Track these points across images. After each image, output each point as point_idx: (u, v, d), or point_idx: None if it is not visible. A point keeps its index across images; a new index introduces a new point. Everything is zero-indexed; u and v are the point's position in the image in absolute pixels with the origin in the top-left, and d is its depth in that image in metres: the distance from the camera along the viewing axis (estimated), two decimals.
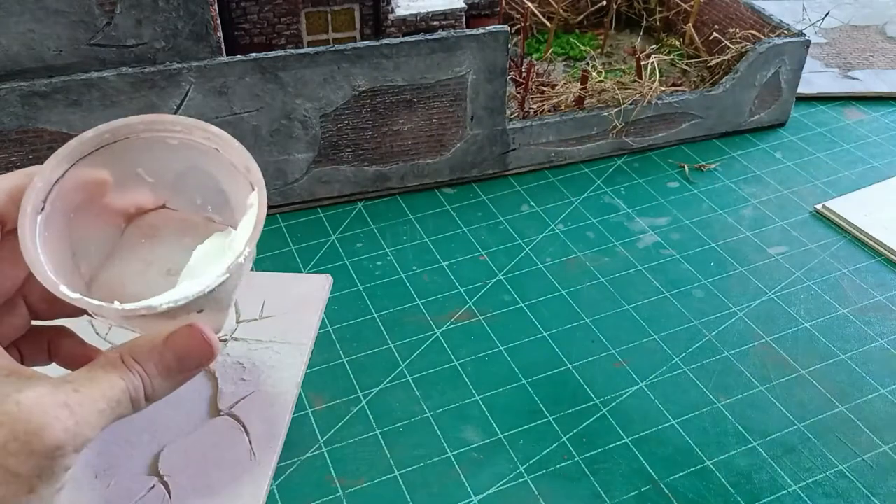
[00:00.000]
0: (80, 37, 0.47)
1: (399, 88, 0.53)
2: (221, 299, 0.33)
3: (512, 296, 0.49)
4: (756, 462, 0.40)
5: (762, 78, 0.62)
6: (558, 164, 0.61)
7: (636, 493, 0.38)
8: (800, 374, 0.44)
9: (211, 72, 0.49)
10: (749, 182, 0.60)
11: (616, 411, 0.42)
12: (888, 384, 0.44)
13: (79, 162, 0.32)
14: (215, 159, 0.35)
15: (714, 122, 0.63)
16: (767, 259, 0.52)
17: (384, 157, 0.56)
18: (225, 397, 0.41)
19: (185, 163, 0.35)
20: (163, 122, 0.33)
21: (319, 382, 0.43)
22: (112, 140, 0.33)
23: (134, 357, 0.30)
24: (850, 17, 0.80)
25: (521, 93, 0.61)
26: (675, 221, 0.56)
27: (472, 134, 0.57)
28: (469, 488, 0.38)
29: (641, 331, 0.47)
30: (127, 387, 0.29)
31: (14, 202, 0.30)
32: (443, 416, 0.42)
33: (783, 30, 0.62)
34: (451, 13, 0.60)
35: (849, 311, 0.48)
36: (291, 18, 0.56)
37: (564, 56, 0.71)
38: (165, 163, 0.35)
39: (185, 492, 0.37)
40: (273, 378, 0.43)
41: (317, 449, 0.40)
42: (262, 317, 0.46)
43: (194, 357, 0.31)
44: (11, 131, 0.47)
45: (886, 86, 0.70)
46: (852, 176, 0.60)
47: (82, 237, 0.34)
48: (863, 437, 0.41)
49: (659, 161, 0.62)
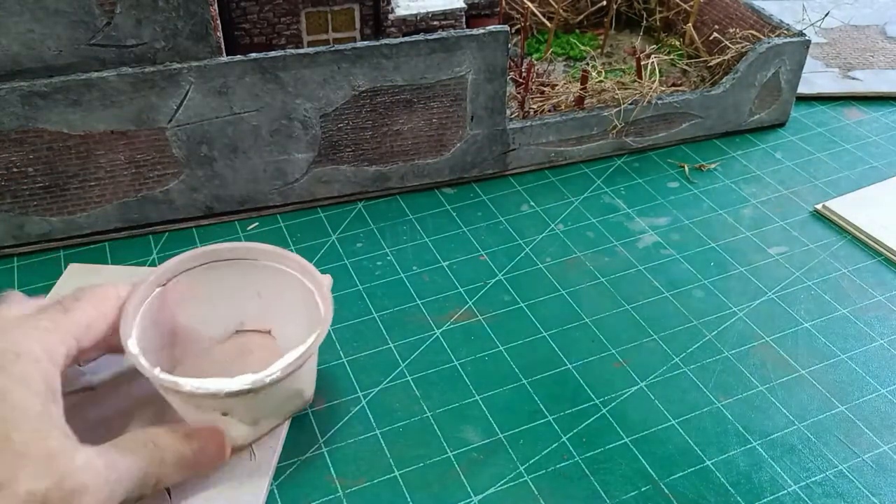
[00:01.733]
0: (80, 37, 0.47)
1: (399, 88, 0.53)
2: (250, 408, 0.37)
3: (512, 296, 0.49)
4: (756, 462, 0.40)
5: (762, 78, 0.62)
6: (558, 164, 0.61)
7: (636, 493, 0.38)
8: (800, 374, 0.44)
9: (211, 72, 0.49)
10: (749, 182, 0.60)
11: (616, 411, 0.42)
12: (888, 384, 0.44)
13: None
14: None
15: (714, 122, 0.63)
16: (767, 259, 0.52)
17: (384, 157, 0.56)
18: None
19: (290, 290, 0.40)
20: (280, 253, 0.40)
21: (319, 382, 0.43)
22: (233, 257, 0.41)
23: (155, 443, 0.34)
24: (850, 17, 0.80)
25: (521, 93, 0.61)
26: (675, 221, 0.56)
27: (472, 134, 0.57)
28: (469, 488, 0.38)
29: (641, 331, 0.47)
30: (148, 470, 0.33)
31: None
32: (443, 416, 0.42)
33: (783, 30, 0.62)
34: (451, 13, 0.60)
35: (849, 311, 0.48)
36: (291, 18, 0.56)
37: (564, 56, 0.71)
38: (276, 289, 0.41)
39: (185, 492, 0.37)
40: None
41: (317, 449, 0.40)
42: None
43: (208, 456, 0.36)
44: (11, 131, 0.47)
45: (886, 86, 0.70)
46: (852, 176, 0.60)
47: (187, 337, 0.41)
48: (863, 437, 0.41)
49: (659, 161, 0.62)
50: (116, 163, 0.50)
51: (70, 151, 0.49)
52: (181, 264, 0.40)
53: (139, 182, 0.51)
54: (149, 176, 0.51)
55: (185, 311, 0.40)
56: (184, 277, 0.40)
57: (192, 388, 0.34)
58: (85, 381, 0.42)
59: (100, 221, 0.52)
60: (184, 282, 0.40)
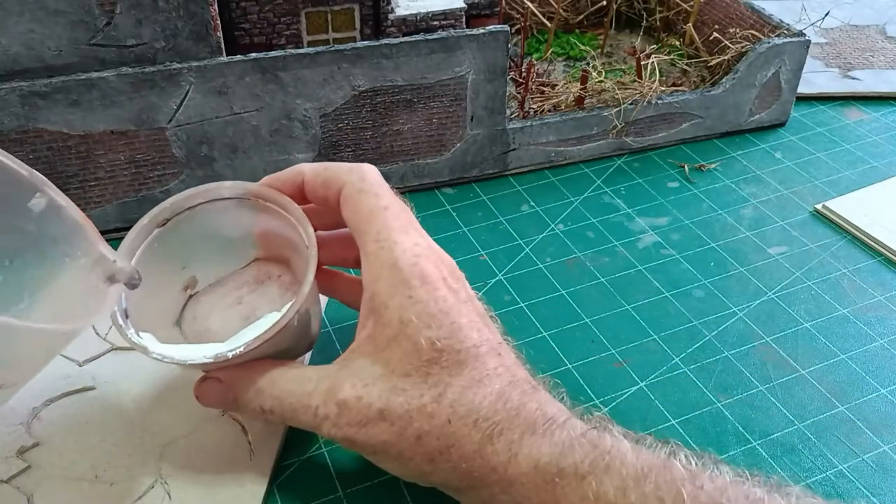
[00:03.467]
0: (80, 37, 0.47)
1: (399, 88, 0.53)
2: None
3: (512, 296, 0.49)
4: (756, 462, 0.40)
5: (762, 78, 0.62)
6: (558, 164, 0.61)
7: None
8: (800, 373, 0.44)
9: (211, 72, 0.49)
10: (749, 182, 0.60)
11: (616, 411, 0.42)
12: (888, 384, 0.44)
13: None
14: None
15: (714, 122, 0.63)
16: (767, 259, 0.52)
17: (384, 157, 0.56)
18: None
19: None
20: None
21: None
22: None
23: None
24: (850, 17, 0.80)
25: (521, 93, 0.61)
26: (675, 221, 0.56)
27: (472, 134, 0.57)
28: None
29: (641, 331, 0.47)
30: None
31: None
32: None
33: (783, 30, 0.62)
34: (451, 13, 0.60)
35: (849, 311, 0.48)
36: (291, 18, 0.56)
37: (564, 56, 0.71)
38: (280, 231, 0.40)
39: (185, 492, 0.37)
40: None
41: (317, 449, 0.40)
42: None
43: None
44: (11, 131, 0.47)
45: (886, 86, 0.70)
46: (852, 176, 0.60)
47: (205, 256, 0.41)
48: (863, 437, 0.41)
49: (659, 161, 0.62)
50: (116, 163, 0.50)
51: (70, 151, 0.49)
52: (176, 205, 0.39)
53: (139, 182, 0.51)
54: (149, 176, 0.51)
55: (192, 247, 0.41)
56: (184, 216, 0.39)
57: (158, 356, 0.35)
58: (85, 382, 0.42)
59: (100, 221, 0.52)
60: (185, 220, 0.39)
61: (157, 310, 0.39)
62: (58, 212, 0.33)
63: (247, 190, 0.40)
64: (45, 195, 0.33)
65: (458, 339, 0.33)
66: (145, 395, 0.41)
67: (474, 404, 0.32)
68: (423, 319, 0.33)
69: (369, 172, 0.37)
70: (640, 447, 0.31)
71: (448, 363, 0.33)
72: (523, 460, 0.31)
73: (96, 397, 0.41)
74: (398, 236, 0.35)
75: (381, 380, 0.33)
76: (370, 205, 0.36)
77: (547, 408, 0.33)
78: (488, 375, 0.33)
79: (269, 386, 0.36)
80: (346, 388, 0.34)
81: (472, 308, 0.35)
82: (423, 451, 0.32)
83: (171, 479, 0.37)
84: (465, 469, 0.32)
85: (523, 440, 0.32)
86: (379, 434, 0.33)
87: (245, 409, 0.37)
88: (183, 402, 0.41)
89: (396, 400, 0.33)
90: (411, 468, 0.33)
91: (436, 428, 0.32)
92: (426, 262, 0.35)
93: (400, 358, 0.33)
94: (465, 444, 0.32)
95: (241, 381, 0.36)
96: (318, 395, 0.34)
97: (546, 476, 0.31)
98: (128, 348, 0.43)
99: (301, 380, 0.35)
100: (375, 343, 0.34)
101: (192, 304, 0.42)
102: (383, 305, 0.34)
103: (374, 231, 0.35)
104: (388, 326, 0.34)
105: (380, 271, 0.35)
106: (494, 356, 0.34)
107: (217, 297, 0.42)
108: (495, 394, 0.33)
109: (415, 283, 0.34)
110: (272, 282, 0.43)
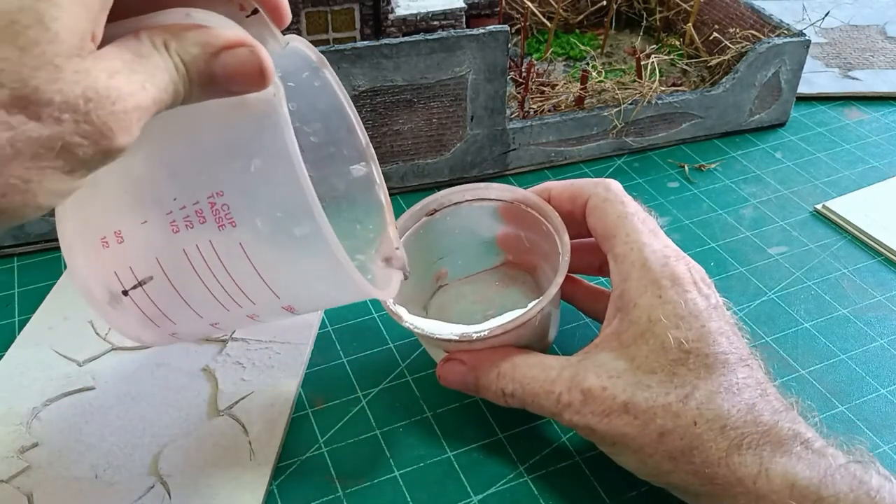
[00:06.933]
0: None
1: (399, 88, 0.53)
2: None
3: None
4: None
5: (762, 78, 0.62)
6: (558, 164, 0.61)
7: (636, 494, 0.38)
8: (800, 373, 0.44)
9: None
10: (749, 182, 0.60)
11: None
12: (888, 384, 0.44)
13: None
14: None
15: (714, 122, 0.63)
16: (767, 259, 0.52)
17: (384, 157, 0.56)
18: (224, 397, 0.41)
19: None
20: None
21: (319, 382, 0.43)
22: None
23: (179, 54, 0.25)
24: (850, 17, 0.80)
25: (521, 93, 0.61)
26: (675, 221, 0.56)
27: (472, 134, 0.57)
28: (469, 488, 0.38)
29: None
30: (171, 80, 0.25)
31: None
32: (443, 416, 0.42)
33: (783, 30, 0.62)
34: (451, 13, 0.60)
35: (849, 311, 0.48)
36: (291, 18, 0.56)
37: (564, 56, 0.71)
38: (538, 236, 0.42)
39: (185, 492, 0.37)
40: (273, 378, 0.43)
41: (317, 449, 0.40)
42: None
43: (239, 82, 0.27)
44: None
45: (887, 86, 0.70)
46: (852, 176, 0.60)
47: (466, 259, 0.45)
48: (863, 437, 0.41)
49: (659, 161, 0.62)
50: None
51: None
52: (445, 198, 0.43)
53: None
54: None
55: (450, 241, 0.44)
56: (450, 210, 0.43)
57: (410, 325, 0.38)
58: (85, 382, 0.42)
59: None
60: (450, 214, 0.43)
61: (410, 291, 0.40)
62: (370, 185, 0.37)
63: (513, 195, 0.42)
64: (368, 167, 0.36)
65: (706, 344, 0.33)
66: (145, 395, 0.41)
67: (723, 410, 0.32)
68: (672, 320, 0.34)
69: (613, 184, 0.39)
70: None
71: (695, 366, 0.33)
72: (776, 478, 0.31)
73: (96, 397, 0.41)
74: (647, 238, 0.36)
75: (626, 374, 0.34)
76: (617, 211, 0.38)
77: (800, 429, 0.32)
78: (738, 385, 0.33)
79: (511, 370, 0.37)
80: (590, 377, 0.34)
81: (722, 315, 0.35)
82: (665, 448, 0.33)
83: (171, 479, 0.37)
84: (708, 475, 0.32)
85: (775, 457, 0.31)
86: (621, 426, 0.33)
87: (486, 391, 0.38)
88: (183, 402, 0.41)
89: (641, 395, 0.33)
90: (650, 465, 0.33)
91: (680, 427, 0.32)
92: (677, 263, 0.36)
93: (646, 355, 0.34)
94: (709, 449, 0.32)
95: (484, 364, 0.38)
96: (561, 382, 0.35)
97: (802, 500, 0.30)
98: (128, 348, 0.44)
99: (543, 367, 0.36)
100: (621, 339, 0.35)
101: (440, 293, 0.45)
102: (632, 303, 0.35)
103: (623, 234, 0.37)
104: (635, 324, 0.34)
105: (630, 270, 0.36)
106: (743, 367, 0.34)
107: (464, 291, 0.45)
108: (745, 405, 0.32)
109: (665, 284, 0.35)
110: (516, 285, 0.45)
